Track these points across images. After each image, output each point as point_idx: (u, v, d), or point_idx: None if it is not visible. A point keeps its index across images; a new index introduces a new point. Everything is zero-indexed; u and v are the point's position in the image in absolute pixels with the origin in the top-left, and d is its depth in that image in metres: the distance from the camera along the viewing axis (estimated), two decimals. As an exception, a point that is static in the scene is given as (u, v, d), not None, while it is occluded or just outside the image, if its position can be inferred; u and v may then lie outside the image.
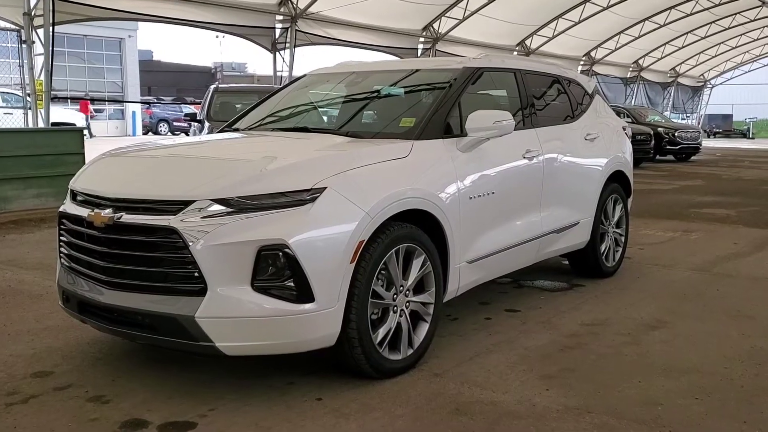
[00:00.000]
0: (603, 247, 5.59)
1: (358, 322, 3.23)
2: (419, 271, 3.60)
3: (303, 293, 3.03)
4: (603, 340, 4.13)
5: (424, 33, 18.76)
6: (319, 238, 3.06)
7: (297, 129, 4.25)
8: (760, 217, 9.42)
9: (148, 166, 3.63)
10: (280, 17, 15.08)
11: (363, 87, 4.67)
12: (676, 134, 20.58)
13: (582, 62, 26.87)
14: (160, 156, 3.83)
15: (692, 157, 21.73)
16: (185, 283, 3.05)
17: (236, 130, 4.59)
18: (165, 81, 45.69)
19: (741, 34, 31.59)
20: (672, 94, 36.77)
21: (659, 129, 20.29)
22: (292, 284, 3.02)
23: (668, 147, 20.52)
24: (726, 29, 29.27)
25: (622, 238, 5.89)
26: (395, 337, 3.49)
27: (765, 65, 41.17)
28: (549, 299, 5.04)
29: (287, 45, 15.05)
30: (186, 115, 12.75)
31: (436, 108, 4.02)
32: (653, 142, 18.89)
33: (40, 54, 11.35)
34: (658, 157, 20.58)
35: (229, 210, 3.04)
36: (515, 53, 22.33)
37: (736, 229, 8.43)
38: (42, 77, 11.13)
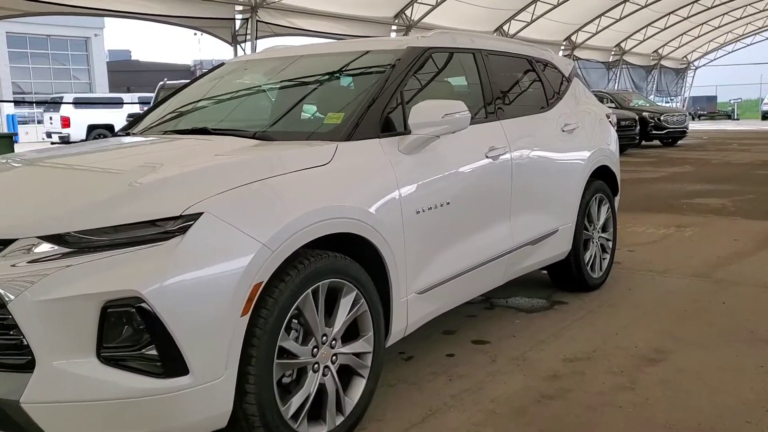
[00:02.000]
0: (588, 256, 4.77)
1: (258, 394, 2.38)
2: (349, 313, 2.76)
3: (171, 364, 2.18)
4: (591, 382, 3.31)
5: (396, 21, 17.89)
6: (191, 284, 2.20)
7: (194, 131, 3.37)
8: (758, 206, 8.65)
9: None
10: (240, 8, 14.15)
11: (286, 76, 3.81)
12: (661, 118, 19.85)
13: (563, 47, 26.10)
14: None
15: (679, 142, 21.02)
16: (6, 355, 2.19)
17: (128, 133, 3.72)
18: (143, 80, 44.58)
19: (724, 14, 30.93)
20: (656, 78, 36.14)
21: (644, 114, 19.54)
22: (154, 352, 2.17)
23: (654, 132, 19.79)
24: (708, 8, 28.59)
25: (610, 244, 5.07)
26: (317, 404, 2.65)
27: (748, 45, 40.63)
28: (525, 324, 4.21)
29: (248, 37, 14.12)
30: (129, 116, 11.82)
31: (371, 100, 3.17)
32: (638, 127, 18.13)
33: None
34: (644, 142, 19.86)
35: (65, 251, 2.18)
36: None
37: (734, 221, 7.65)
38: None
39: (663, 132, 19.90)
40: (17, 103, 27.16)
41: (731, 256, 5.90)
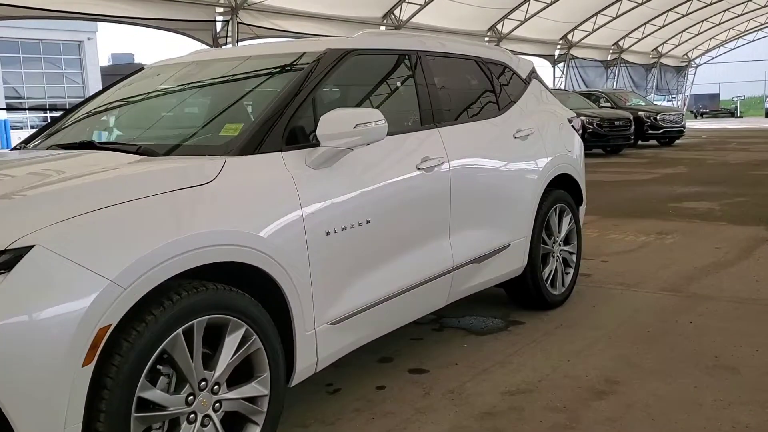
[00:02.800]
0: (547, 272, 4.43)
1: (109, 456, 2.05)
2: (236, 353, 2.43)
3: (-9, 428, 1.86)
4: (528, 421, 2.97)
5: (384, 21, 17.55)
6: (16, 331, 1.88)
7: (80, 145, 3.03)
8: (747, 211, 8.28)
9: None
10: (221, 9, 13.84)
11: (192, 83, 3.47)
12: (658, 118, 19.47)
13: (559, 45, 25.73)
14: None
15: (676, 141, 20.61)
16: None
17: (15, 147, 3.39)
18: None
19: (724, 10, 30.43)
20: (656, 76, 35.67)
21: (640, 113, 19.16)
22: (-33, 417, 1.85)
23: (650, 132, 19.42)
24: (708, 5, 28.13)
25: (574, 257, 4.72)
26: (195, 459, 2.32)
27: (750, 41, 40.10)
28: (472, 349, 3.87)
29: (229, 39, 13.80)
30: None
31: (275, 109, 2.83)
32: (633, 127, 17.74)
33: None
34: (640, 142, 19.48)
35: None
36: (486, 39, 21.18)
37: (719, 227, 7.29)
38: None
39: (659, 132, 19.51)
40: (9, 109, 26.94)
41: (709, 267, 5.55)
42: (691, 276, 5.29)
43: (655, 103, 26.77)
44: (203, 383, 2.33)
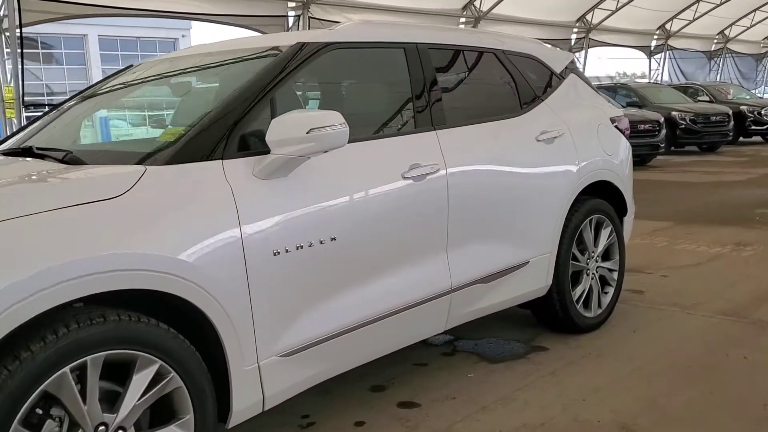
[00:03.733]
0: (578, 292, 3.91)
1: None
2: (147, 393, 2.12)
3: None
4: (511, 477, 2.52)
5: (464, 12, 16.98)
6: None
7: (21, 151, 2.80)
8: None
9: None
10: (293, 4, 13.72)
11: (150, 84, 3.18)
12: (762, 112, 17.95)
13: (656, 36, 24.28)
14: None
15: (784, 137, 18.99)
16: None
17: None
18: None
19: None
20: (767, 67, 33.22)
21: (742, 107, 17.71)
22: None
23: (753, 127, 17.92)
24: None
25: (615, 275, 4.17)
26: None
27: None
28: (479, 379, 3.43)
29: (300, 34, 13.65)
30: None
31: (221, 111, 2.51)
32: (732, 122, 16.40)
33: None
34: (741, 139, 18.05)
35: None
36: (574, 31, 20.24)
37: (810, 239, 6.45)
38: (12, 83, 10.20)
39: (764, 127, 18.00)
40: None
41: (786, 288, 4.84)
42: (763, 298, 4.61)
43: (762, 97, 24.87)
44: (102, 428, 2.03)
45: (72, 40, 30.46)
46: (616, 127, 4.22)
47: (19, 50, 10.05)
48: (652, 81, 21.57)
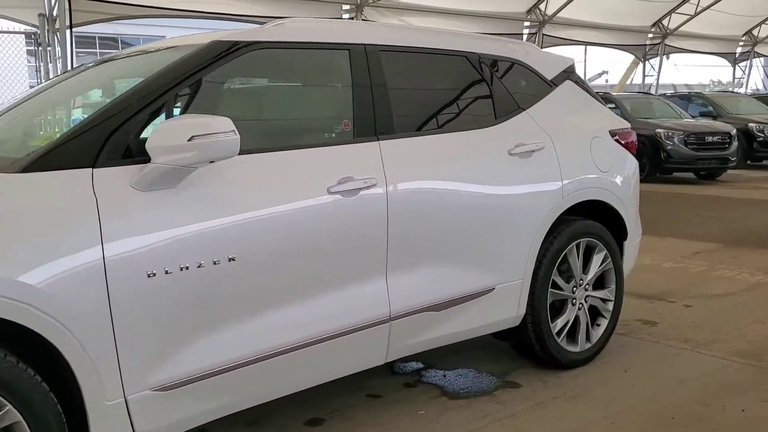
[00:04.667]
0: (560, 323, 3.50)
1: None
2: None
3: None
4: None
5: (529, 16, 16.43)
6: None
7: None
8: None
9: None
10: (347, 6, 13.56)
11: (63, 87, 2.97)
12: None
13: (741, 42, 22.93)
14: None
15: None
16: None
17: None
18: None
19: None
20: None
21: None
22: None
23: None
24: None
25: (609, 305, 3.73)
26: None
27: None
28: (429, 417, 3.08)
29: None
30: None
31: (99, 116, 2.28)
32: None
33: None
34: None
35: None
36: (650, 36, 19.31)
37: None
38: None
39: None
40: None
41: (822, 327, 4.26)
42: (790, 337, 4.07)
43: None
44: None
45: (152, 40, 31.31)
46: (617, 140, 3.78)
47: (69, 50, 10.24)
48: (729, 91, 20.30)
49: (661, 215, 8.67)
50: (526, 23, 16.51)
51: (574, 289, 3.56)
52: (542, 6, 16.21)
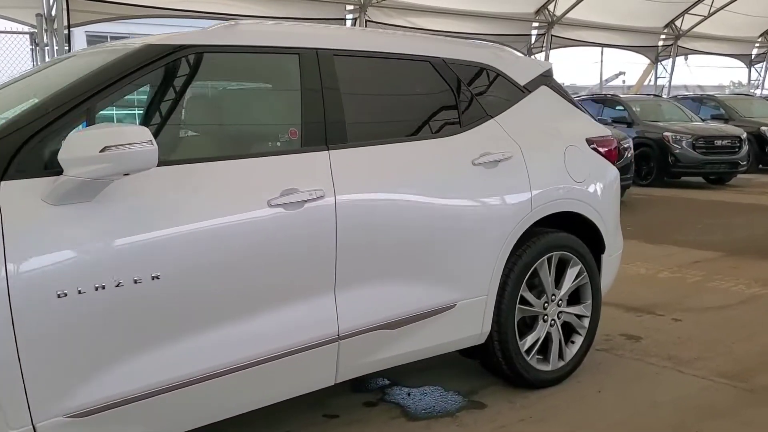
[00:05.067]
0: (529, 341, 3.33)
1: None
2: None
3: None
4: None
5: (537, 17, 16.21)
6: None
7: None
8: None
9: None
10: (351, 6, 13.42)
11: (36, 85, 2.83)
12: None
13: (758, 44, 22.54)
14: None
15: None
16: None
17: None
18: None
19: None
20: None
21: None
22: None
23: None
24: None
25: (585, 321, 3.56)
26: None
27: None
28: (383, 440, 2.93)
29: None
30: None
31: (10, 124, 2.15)
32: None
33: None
34: None
35: None
36: (662, 37, 19.00)
37: None
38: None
39: None
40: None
41: (814, 345, 4.05)
42: (779, 356, 3.87)
43: None
44: None
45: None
46: (595, 149, 3.61)
47: (68, 50, 10.19)
48: (744, 93, 19.93)
49: (664, 221, 8.45)
50: (535, 24, 16.29)
51: (546, 305, 3.39)
52: (551, 7, 15.98)
